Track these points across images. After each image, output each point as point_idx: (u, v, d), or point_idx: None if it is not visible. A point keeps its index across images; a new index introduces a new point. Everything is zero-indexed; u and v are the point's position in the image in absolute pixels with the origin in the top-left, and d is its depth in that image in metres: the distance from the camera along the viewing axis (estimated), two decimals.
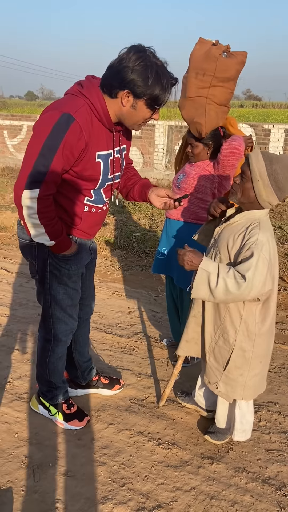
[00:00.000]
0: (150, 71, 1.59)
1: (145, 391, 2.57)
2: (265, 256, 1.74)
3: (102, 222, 2.10)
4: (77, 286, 2.10)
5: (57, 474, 1.97)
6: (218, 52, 2.07)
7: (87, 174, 1.79)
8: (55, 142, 1.63)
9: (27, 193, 1.68)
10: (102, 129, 1.77)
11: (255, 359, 1.97)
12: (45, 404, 2.27)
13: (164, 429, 2.26)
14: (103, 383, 2.50)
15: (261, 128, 8.07)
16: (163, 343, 3.11)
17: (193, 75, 2.15)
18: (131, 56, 1.58)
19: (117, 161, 1.92)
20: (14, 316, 3.41)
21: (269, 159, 1.73)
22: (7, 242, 5.35)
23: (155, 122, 8.89)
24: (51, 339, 2.12)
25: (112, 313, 3.56)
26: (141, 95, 1.64)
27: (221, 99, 2.20)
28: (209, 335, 2.05)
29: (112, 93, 1.67)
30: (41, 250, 1.94)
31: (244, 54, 2.14)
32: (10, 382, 2.57)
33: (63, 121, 1.63)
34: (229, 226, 1.91)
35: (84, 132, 1.67)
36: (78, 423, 2.24)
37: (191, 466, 2.05)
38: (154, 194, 2.05)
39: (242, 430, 2.11)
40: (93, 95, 1.70)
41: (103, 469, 2.00)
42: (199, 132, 2.25)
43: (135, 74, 1.59)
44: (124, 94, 1.65)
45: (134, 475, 1.97)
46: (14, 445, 2.11)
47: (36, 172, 1.66)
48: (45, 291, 2.04)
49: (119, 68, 1.60)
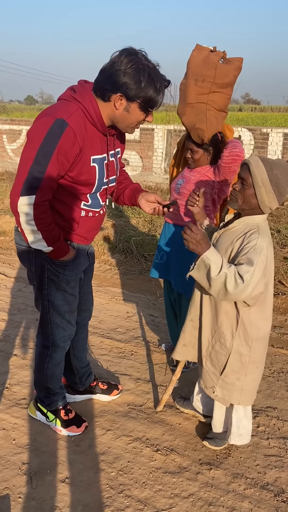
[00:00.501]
0: (142, 74, 1.59)
1: (143, 396, 2.56)
2: (262, 261, 1.74)
3: (100, 227, 2.09)
4: (75, 292, 2.10)
5: (55, 480, 1.96)
6: (216, 58, 2.09)
7: (83, 178, 1.79)
8: (50, 148, 1.63)
9: (24, 199, 1.68)
10: (96, 134, 1.77)
11: (252, 363, 1.97)
12: (43, 410, 2.26)
13: (163, 435, 2.25)
14: (101, 388, 2.49)
15: (260, 132, 8.08)
16: (162, 348, 3.10)
17: (192, 82, 2.15)
18: (123, 59, 1.58)
19: (112, 164, 1.92)
20: (12, 321, 3.40)
21: (269, 164, 1.74)
22: (5, 246, 5.35)
23: (153, 126, 8.91)
24: (49, 345, 2.12)
25: (111, 317, 3.56)
26: (134, 98, 1.64)
27: (220, 105, 2.21)
28: (206, 339, 2.05)
29: (105, 97, 1.68)
30: (39, 256, 1.94)
31: (240, 60, 2.16)
32: (8, 388, 2.56)
33: (56, 126, 1.63)
34: (227, 232, 1.92)
35: (78, 137, 1.67)
36: (76, 429, 2.23)
37: (190, 472, 2.04)
38: (143, 199, 2.07)
39: (238, 435, 2.10)
40: (86, 100, 1.70)
41: (101, 476, 1.99)
42: (201, 138, 2.26)
43: (128, 77, 1.59)
44: (117, 97, 1.65)
45: (132, 482, 1.96)
46: (11, 452, 2.10)
47: (31, 178, 1.66)
48: (43, 297, 2.03)
49: (111, 71, 1.61)
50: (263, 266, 1.74)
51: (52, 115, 1.66)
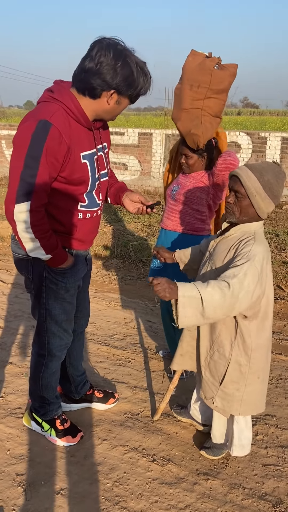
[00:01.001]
0: (131, 68, 1.62)
1: (140, 405, 2.53)
2: (256, 266, 1.70)
3: (98, 228, 2.07)
4: (73, 300, 2.07)
5: (50, 492, 1.92)
6: (212, 64, 2.08)
7: (76, 177, 1.77)
8: (37, 151, 1.62)
9: (19, 206, 1.66)
10: (81, 130, 1.76)
11: (251, 374, 1.93)
12: (38, 420, 2.23)
13: (159, 445, 2.22)
14: (97, 397, 2.46)
15: (258, 136, 8.09)
16: (159, 355, 3.07)
17: (187, 87, 2.14)
18: (110, 56, 1.59)
19: (101, 159, 1.91)
20: (8, 328, 3.38)
21: (258, 172, 1.72)
22: (3, 252, 5.34)
23: (152, 131, 8.92)
24: (45, 354, 2.09)
25: (108, 324, 3.53)
26: (127, 93, 1.68)
27: (215, 111, 2.20)
28: (205, 349, 2.01)
29: (95, 95, 1.68)
30: (37, 265, 1.91)
31: (235, 66, 2.15)
32: (3, 397, 2.53)
33: (40, 128, 1.62)
34: (224, 240, 1.89)
35: (63, 135, 1.66)
36: (72, 439, 2.20)
37: (186, 482, 2.00)
38: (128, 199, 2.07)
39: (241, 446, 2.07)
40: (66, 98, 1.70)
41: (96, 487, 1.96)
42: (196, 143, 2.25)
43: (120, 76, 1.61)
44: (109, 93, 1.67)
45: (128, 493, 1.93)
46: (5, 462, 2.07)
47: (24, 184, 1.64)
48: (41, 305, 2.00)
49: (101, 70, 1.60)
50: (257, 273, 1.71)
51: (34, 118, 1.64)
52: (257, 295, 1.75)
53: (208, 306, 1.66)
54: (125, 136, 9.16)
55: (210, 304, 1.66)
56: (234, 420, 2.04)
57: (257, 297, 1.76)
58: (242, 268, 1.69)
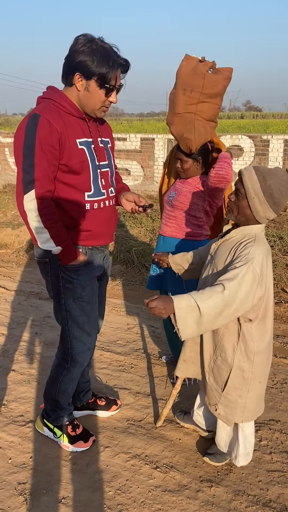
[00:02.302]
0: (95, 52, 1.69)
1: (143, 411, 2.51)
2: (255, 268, 1.68)
3: (112, 221, 2.05)
4: (92, 300, 2.06)
5: (51, 501, 1.91)
6: (205, 68, 2.07)
7: (75, 162, 1.81)
8: (31, 140, 1.71)
9: (27, 196, 1.75)
10: (74, 120, 1.83)
11: (254, 379, 1.90)
12: (50, 426, 2.22)
13: (162, 451, 2.20)
14: (100, 405, 2.45)
15: (260, 139, 8.07)
16: (162, 360, 3.05)
17: (181, 92, 2.14)
18: (79, 40, 1.70)
19: (101, 150, 1.95)
20: (11, 336, 3.37)
21: (262, 175, 1.69)
22: (7, 259, 5.35)
23: (154, 136, 8.93)
24: (68, 359, 2.09)
25: (111, 329, 3.52)
26: (91, 75, 1.73)
27: (209, 115, 2.19)
28: (208, 354, 1.99)
29: (67, 81, 1.79)
30: (54, 266, 1.96)
31: (229, 70, 2.14)
32: (5, 405, 2.52)
33: (31, 121, 1.73)
34: (225, 242, 1.87)
35: (54, 123, 1.73)
36: (84, 444, 2.19)
37: (190, 490, 1.98)
38: (124, 199, 2.12)
39: (246, 454, 2.03)
40: (52, 94, 1.81)
41: (98, 495, 1.94)
42: (189, 147, 2.24)
43: (83, 55, 1.69)
44: (76, 77, 1.75)
45: (130, 501, 1.91)
46: (7, 471, 2.05)
47: (26, 174, 1.73)
48: (61, 307, 2.03)
49: (69, 53, 1.73)
50: (257, 276, 1.68)
51: (27, 116, 1.77)
52: (258, 296, 1.73)
53: (205, 312, 1.65)
54: (127, 141, 9.18)
55: (207, 309, 1.65)
56: (239, 428, 2.00)
57: (258, 298, 1.74)
58: (241, 270, 1.67)
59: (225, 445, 2.08)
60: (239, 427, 2.00)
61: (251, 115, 39.65)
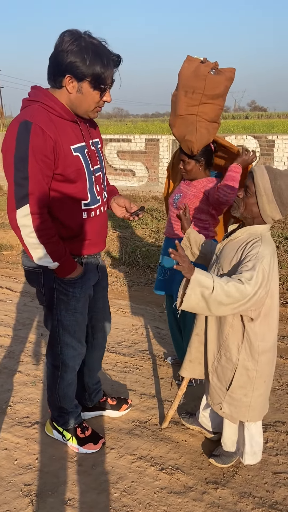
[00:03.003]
0: (86, 51, 1.56)
1: (148, 412, 2.50)
2: (264, 267, 1.69)
3: (106, 228, 2.02)
4: (84, 310, 2.04)
5: (57, 502, 1.91)
6: (206, 69, 2.07)
7: (71, 171, 1.73)
8: (23, 151, 1.60)
9: (20, 211, 1.65)
10: (66, 124, 1.73)
11: (259, 378, 1.90)
12: (59, 429, 2.22)
13: (168, 453, 2.19)
14: (110, 404, 2.44)
15: (265, 139, 8.04)
16: (168, 362, 3.05)
17: (182, 93, 2.14)
18: (64, 39, 1.56)
19: (93, 153, 1.86)
20: (17, 337, 3.38)
21: (273, 174, 1.71)
22: (12, 261, 5.37)
23: (158, 137, 8.93)
24: (59, 365, 2.07)
25: (116, 331, 3.52)
26: (83, 77, 1.61)
27: (211, 116, 2.19)
28: (212, 354, 1.99)
29: (56, 83, 1.66)
30: (47, 277, 1.89)
31: (232, 70, 2.14)
32: (11, 406, 2.53)
33: (22, 129, 1.61)
34: (231, 242, 1.88)
35: (47, 131, 1.62)
36: (93, 446, 2.18)
37: (195, 492, 1.97)
38: (115, 203, 2.06)
39: (253, 453, 2.03)
40: (41, 96, 1.68)
41: (104, 497, 1.94)
42: (190, 149, 2.24)
43: (72, 56, 1.56)
44: (67, 80, 1.63)
45: (136, 503, 1.91)
46: (13, 473, 2.06)
47: (19, 187, 1.63)
48: (53, 316, 1.98)
49: (55, 54, 1.59)
50: (266, 273, 1.69)
51: (16, 121, 1.64)
52: (261, 295, 1.73)
53: (217, 293, 1.65)
54: (132, 142, 9.19)
55: (220, 291, 1.65)
56: (244, 426, 2.01)
57: (261, 297, 1.74)
58: (255, 269, 1.67)
59: (232, 445, 2.08)
60: (245, 426, 2.00)
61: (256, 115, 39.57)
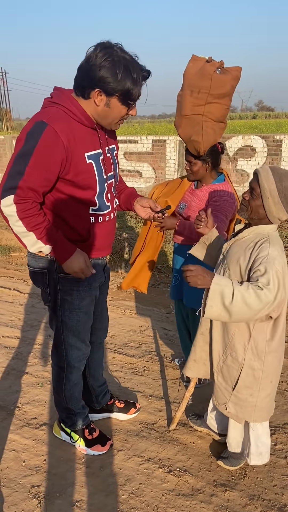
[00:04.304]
0: (118, 66, 1.55)
1: (156, 414, 2.50)
2: (278, 269, 1.68)
3: (113, 233, 2.02)
4: (89, 311, 2.04)
5: (65, 504, 1.91)
6: (212, 69, 2.05)
7: (82, 178, 1.73)
8: (29, 148, 1.60)
9: (4, 201, 1.63)
10: (84, 130, 1.72)
11: (265, 378, 1.89)
12: (67, 430, 2.22)
13: (176, 455, 2.18)
14: (118, 407, 2.44)
15: (273, 139, 8.01)
16: (175, 363, 3.04)
17: (188, 93, 2.13)
18: (98, 53, 1.55)
19: (108, 160, 1.86)
20: (25, 338, 3.39)
21: (278, 176, 1.69)
22: (20, 262, 5.39)
23: (165, 138, 8.93)
24: (64, 366, 2.07)
25: (123, 332, 3.51)
26: (113, 92, 1.61)
27: (217, 116, 2.17)
28: (217, 354, 1.98)
29: (84, 94, 1.65)
30: (52, 277, 1.90)
31: (238, 69, 2.12)
32: (19, 408, 2.54)
33: (35, 128, 1.61)
34: (238, 242, 1.87)
35: (61, 136, 1.61)
36: (101, 448, 2.18)
37: (203, 494, 1.96)
38: (138, 205, 2.06)
39: (258, 454, 2.02)
40: (64, 99, 1.68)
41: (112, 499, 1.93)
42: (197, 150, 2.23)
43: (104, 71, 1.55)
44: (95, 93, 1.62)
45: (144, 505, 1.90)
46: (21, 474, 2.06)
47: (9, 180, 1.62)
48: (57, 318, 1.99)
49: (87, 67, 1.58)
50: (281, 275, 1.68)
51: (33, 120, 1.65)
52: (282, 297, 1.71)
53: (237, 302, 1.64)
54: (138, 143, 9.19)
55: (240, 301, 1.64)
56: (250, 427, 2.00)
57: (282, 299, 1.73)
58: (270, 273, 1.66)
59: (236, 445, 2.07)
60: (250, 426, 1.99)
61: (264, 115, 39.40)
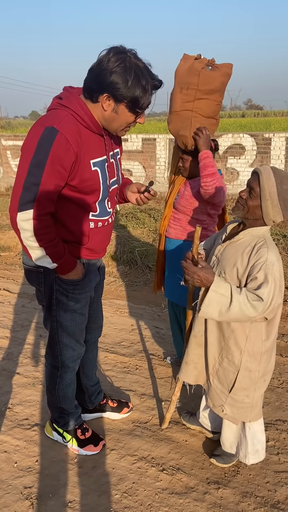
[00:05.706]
0: (129, 73, 1.52)
1: (148, 413, 2.49)
2: (275, 275, 1.67)
3: (110, 237, 2.01)
4: (84, 311, 2.03)
5: (58, 505, 1.90)
6: (200, 65, 2.07)
7: (87, 185, 1.70)
8: (42, 158, 1.56)
9: (21, 215, 1.61)
10: (92, 136, 1.69)
11: (260, 378, 1.89)
12: (59, 430, 2.21)
13: (168, 453, 2.18)
14: (111, 406, 2.43)
15: (262, 137, 8.04)
16: (167, 361, 3.04)
17: (177, 90, 2.15)
18: (110, 58, 1.51)
19: (111, 166, 1.83)
20: (15, 339, 3.36)
21: (280, 178, 1.67)
22: (10, 262, 5.34)
23: (155, 136, 8.92)
24: (58, 366, 2.06)
25: (115, 331, 3.50)
26: (122, 99, 1.57)
27: (207, 112, 2.18)
28: (212, 357, 1.97)
29: (93, 97, 1.61)
30: (48, 277, 1.87)
31: (229, 66, 2.13)
32: (10, 408, 2.51)
33: (46, 135, 1.56)
34: (232, 244, 1.84)
35: (71, 142, 1.59)
36: (94, 448, 2.17)
37: (197, 492, 1.96)
38: (129, 192, 2.06)
39: (255, 451, 2.01)
40: (74, 103, 1.64)
41: (105, 499, 1.92)
42: (185, 144, 2.23)
43: (114, 76, 1.52)
44: (104, 98, 1.59)
45: (137, 504, 1.89)
46: (13, 475, 2.04)
47: (26, 192, 1.59)
48: (52, 318, 1.97)
49: (98, 71, 1.54)
50: (278, 281, 1.67)
51: (41, 125, 1.60)
52: (278, 303, 1.71)
53: (233, 311, 1.66)
54: (128, 142, 9.17)
55: (236, 309, 1.65)
56: (245, 426, 1.99)
57: (278, 304, 1.72)
58: (268, 281, 1.66)
59: (230, 446, 2.06)
60: (246, 425, 1.98)
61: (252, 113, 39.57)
